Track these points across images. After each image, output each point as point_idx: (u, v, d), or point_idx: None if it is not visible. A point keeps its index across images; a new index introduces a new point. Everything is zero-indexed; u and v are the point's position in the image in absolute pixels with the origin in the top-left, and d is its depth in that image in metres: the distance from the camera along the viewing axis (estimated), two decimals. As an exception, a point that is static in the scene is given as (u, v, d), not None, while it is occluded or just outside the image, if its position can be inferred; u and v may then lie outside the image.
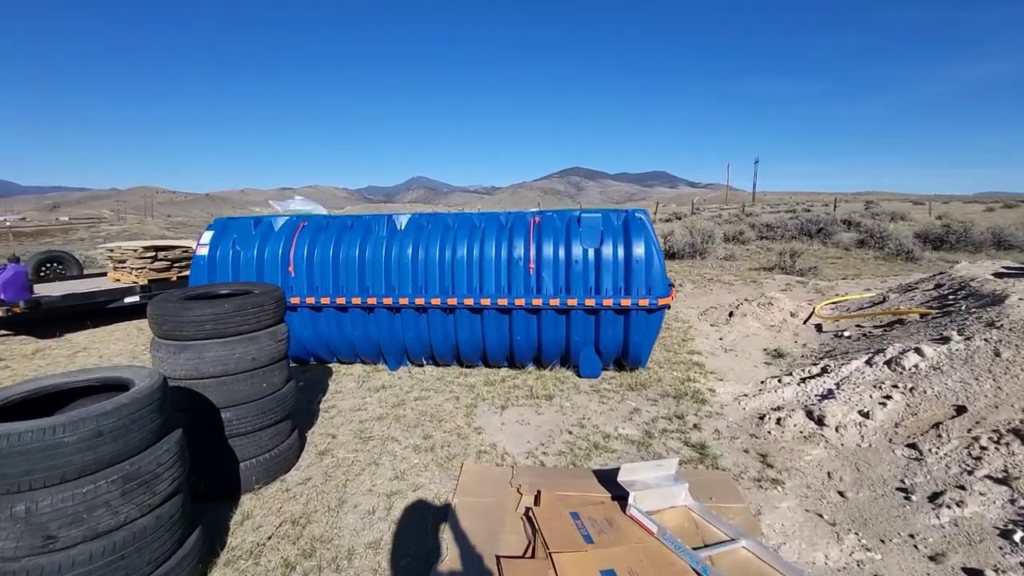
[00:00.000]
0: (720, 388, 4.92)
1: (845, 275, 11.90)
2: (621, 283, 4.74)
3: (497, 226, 5.05)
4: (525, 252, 4.84)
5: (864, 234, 18.02)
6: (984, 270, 6.36)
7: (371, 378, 5.19)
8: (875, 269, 13.28)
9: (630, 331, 4.81)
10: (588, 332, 4.89)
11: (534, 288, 4.81)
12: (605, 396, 4.71)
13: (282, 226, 5.40)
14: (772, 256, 15.52)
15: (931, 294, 6.03)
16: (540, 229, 4.95)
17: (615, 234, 4.83)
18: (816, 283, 10.73)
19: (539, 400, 4.61)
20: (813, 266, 12.26)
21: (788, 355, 5.90)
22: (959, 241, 16.41)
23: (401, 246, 5.01)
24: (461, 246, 4.93)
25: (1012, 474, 2.75)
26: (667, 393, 4.76)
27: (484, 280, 4.85)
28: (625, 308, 4.68)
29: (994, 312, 4.04)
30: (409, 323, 5.03)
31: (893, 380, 3.82)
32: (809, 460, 3.49)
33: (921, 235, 16.82)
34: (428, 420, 4.23)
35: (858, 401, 3.77)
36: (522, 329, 4.91)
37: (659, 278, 4.77)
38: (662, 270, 4.81)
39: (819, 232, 19.70)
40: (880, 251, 15.92)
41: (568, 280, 4.78)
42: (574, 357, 5.05)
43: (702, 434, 3.98)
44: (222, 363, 3.01)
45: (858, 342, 5.36)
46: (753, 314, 7.55)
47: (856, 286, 10.33)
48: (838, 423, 3.66)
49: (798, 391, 4.31)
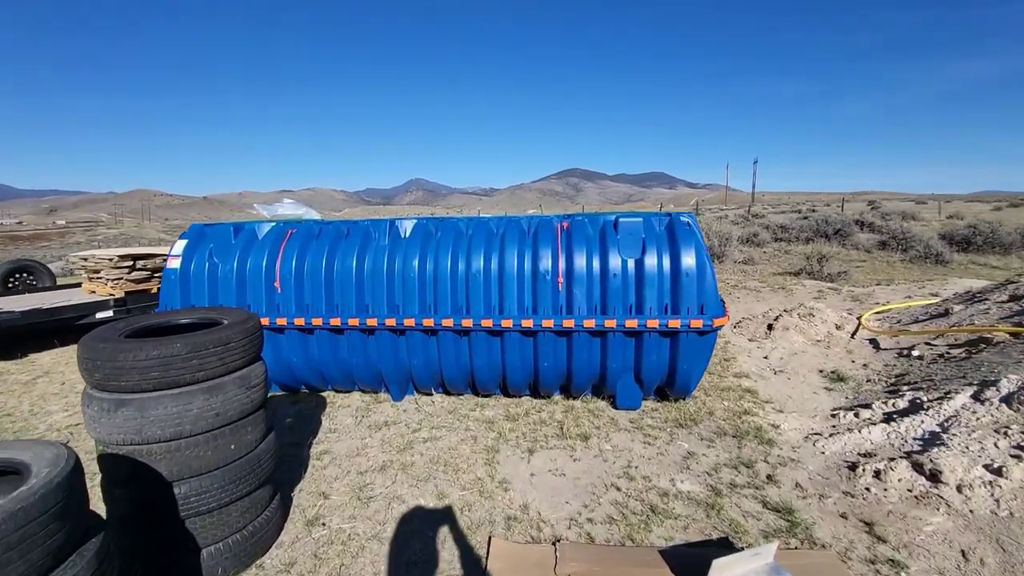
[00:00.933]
0: (783, 423, 4.16)
1: (878, 280, 11.15)
2: (667, 300, 3.99)
3: (519, 233, 4.29)
4: (553, 264, 4.09)
5: (885, 235, 17.28)
6: (1067, 279, 5.60)
7: (372, 411, 4.43)
8: (905, 273, 12.53)
9: (678, 357, 4.05)
10: (628, 358, 4.14)
11: (564, 307, 4.05)
12: (650, 435, 3.96)
13: (267, 234, 4.65)
14: (794, 259, 14.78)
15: (1010, 307, 5.28)
16: (570, 236, 4.19)
17: (659, 242, 4.08)
18: (850, 290, 9.98)
19: (573, 441, 3.85)
20: (843, 271, 11.51)
21: (850, 379, 5.15)
22: (986, 243, 15.66)
23: (406, 257, 4.26)
24: (477, 257, 4.18)
25: None
26: (723, 431, 4.00)
27: (505, 297, 4.09)
28: (673, 330, 3.93)
29: None
30: (416, 348, 4.27)
31: (1022, 424, 3.06)
32: (931, 531, 2.74)
33: (946, 236, 16.08)
34: (441, 470, 3.47)
35: (980, 452, 3.02)
36: (549, 354, 4.15)
37: (712, 294, 4.02)
38: (715, 285, 4.06)
39: (836, 233, 18.95)
40: (905, 254, 15.18)
41: (604, 297, 4.02)
42: (610, 386, 4.30)
43: (781, 490, 3.22)
44: (174, 422, 2.25)
45: (939, 367, 4.60)
46: (796, 327, 6.79)
47: (894, 293, 9.58)
48: (959, 481, 2.90)
49: (889, 432, 3.56)
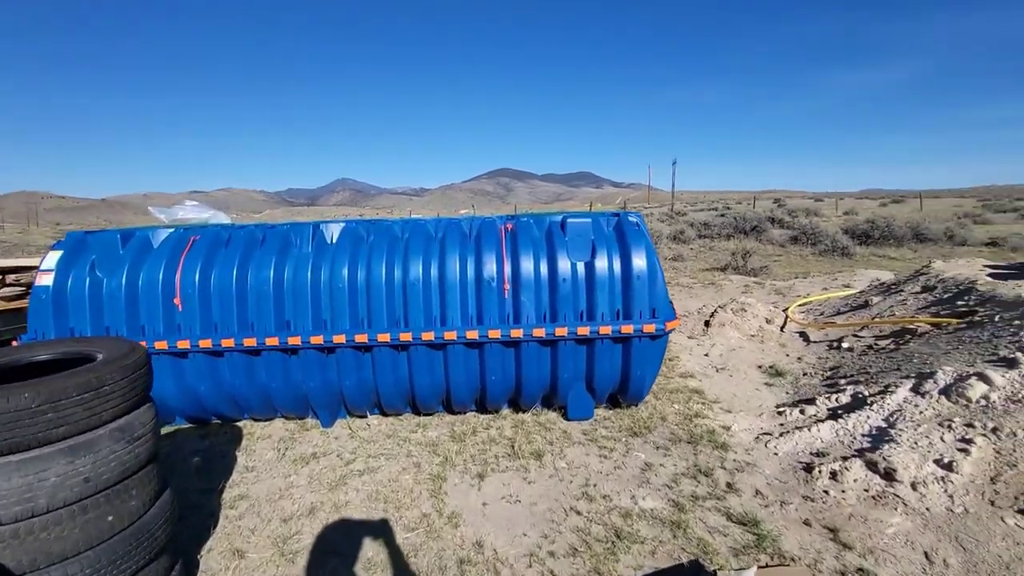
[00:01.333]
0: (734, 424, 4.11)
1: (796, 274, 11.83)
2: (619, 305, 3.80)
3: (460, 236, 3.94)
4: (498, 269, 3.78)
5: (796, 231, 18.53)
6: (969, 269, 6.07)
7: (297, 441, 3.90)
8: (818, 266, 13.42)
9: (631, 363, 3.88)
10: (579, 366, 3.92)
11: (511, 315, 3.76)
12: (605, 447, 3.75)
13: (164, 242, 3.98)
14: (719, 255, 15.44)
15: (924, 298, 5.63)
16: (515, 239, 3.90)
17: (609, 243, 3.88)
18: (772, 283, 10.48)
19: (526, 460, 3.56)
20: (764, 265, 12.11)
21: (788, 373, 5.25)
22: (882, 236, 17.18)
23: (334, 265, 3.78)
24: (415, 263, 3.78)
25: None
26: (677, 437, 3.87)
27: (447, 307, 3.73)
28: (626, 336, 3.75)
29: None
30: (348, 367, 3.80)
31: (964, 417, 3.14)
32: (892, 533, 2.71)
33: (849, 231, 17.48)
34: (382, 508, 3.06)
35: (928, 447, 3.05)
36: (497, 367, 3.84)
37: (663, 297, 3.88)
38: (665, 287, 3.93)
39: (753, 230, 20.11)
40: (814, 248, 16.31)
41: (554, 303, 3.77)
42: (561, 397, 4.06)
43: (742, 499, 3.12)
44: (22, 497, 1.71)
45: (871, 358, 4.77)
46: (731, 323, 6.93)
47: (811, 285, 10.16)
48: (913, 478, 2.91)
49: (838, 429, 3.57)
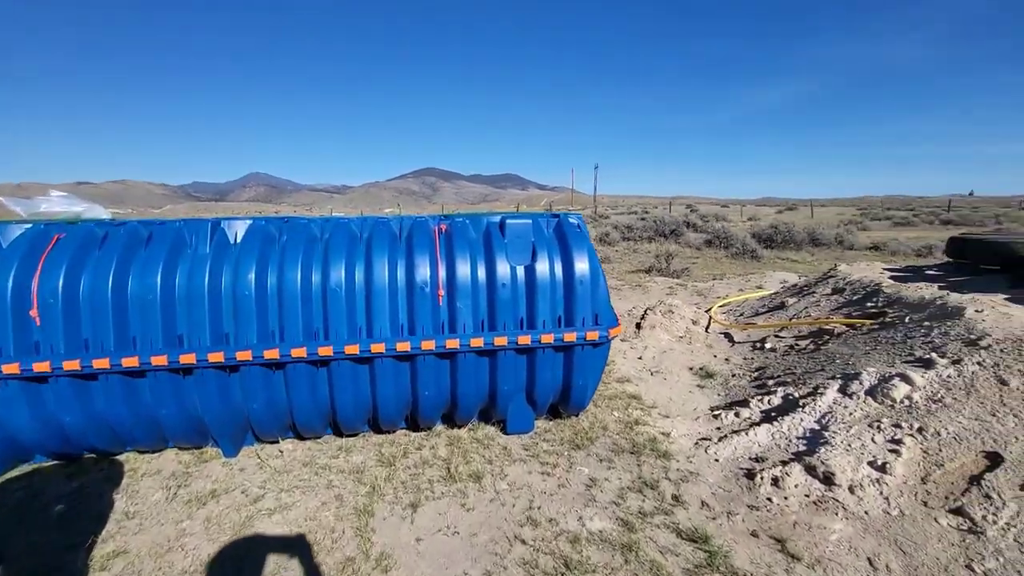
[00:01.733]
0: (673, 430, 4.06)
1: (714, 275, 12.41)
2: (561, 311, 3.60)
3: (389, 237, 3.55)
4: (432, 274, 3.44)
5: (710, 235, 19.60)
6: (872, 271, 6.54)
7: (193, 477, 3.33)
8: (731, 268, 14.20)
9: (573, 372, 3.69)
10: (520, 377, 3.67)
11: (446, 324, 3.43)
12: (547, 463, 3.53)
13: (17, 240, 3.24)
14: (643, 257, 15.92)
15: (836, 299, 5.97)
16: (450, 240, 3.58)
17: (549, 246, 3.67)
18: (694, 285, 10.89)
19: (463, 484, 3.25)
20: (685, 267, 12.60)
21: (718, 375, 5.34)
22: (784, 240, 18.60)
23: (238, 269, 3.25)
24: (337, 267, 3.34)
25: (1111, 554, 2.19)
26: (620, 447, 3.74)
27: (374, 316, 3.33)
28: (568, 344, 3.55)
29: (961, 327, 3.76)
30: (256, 387, 3.29)
31: (892, 418, 3.24)
32: (836, 540, 2.70)
33: (756, 235, 18.75)
34: (297, 556, 2.62)
35: (861, 448, 3.11)
36: (431, 381, 3.50)
37: (605, 302, 3.74)
38: (607, 291, 3.78)
39: (671, 233, 21.05)
40: (727, 250, 17.31)
41: (492, 311, 3.49)
42: (500, 410, 3.79)
43: (689, 512, 3.01)
44: None
45: (793, 359, 4.94)
46: (661, 325, 7.02)
47: (728, 287, 10.67)
48: (850, 481, 2.94)
49: (773, 432, 3.59)
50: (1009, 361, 3.21)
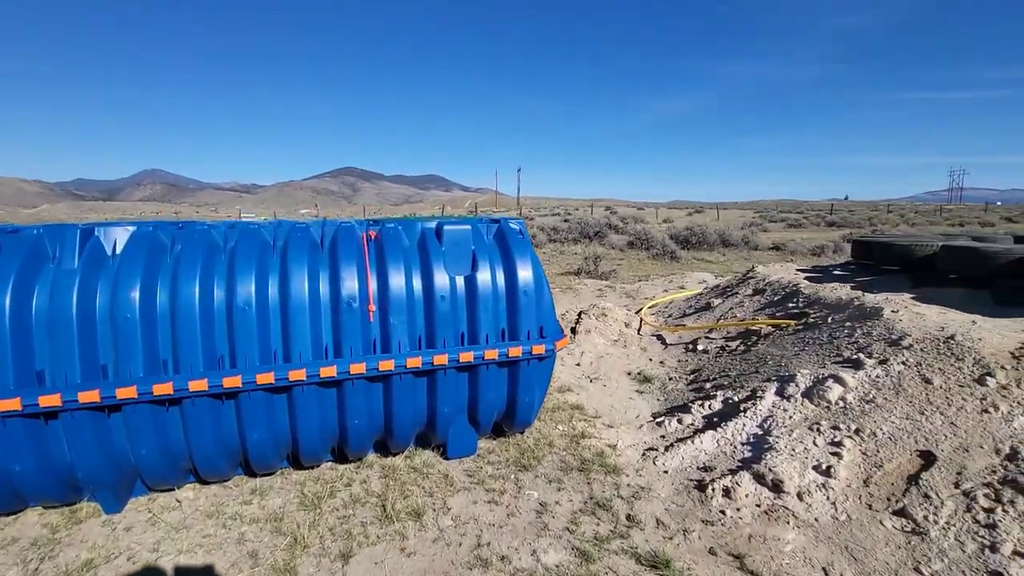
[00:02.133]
0: (619, 441, 3.94)
1: (639, 276, 12.75)
2: (504, 324, 3.35)
3: (309, 245, 3.11)
4: (361, 287, 3.05)
5: (631, 236, 20.30)
6: (787, 272, 6.89)
7: (63, 543, 2.70)
8: (653, 268, 14.71)
9: (519, 388, 3.45)
10: (462, 397, 3.37)
11: (379, 343, 3.06)
12: (493, 489, 3.26)
13: None
14: (570, 259, 16.09)
15: (758, 300, 6.21)
16: (381, 249, 3.20)
17: (491, 254, 3.40)
18: (622, 286, 11.10)
19: (403, 523, 2.90)
20: (612, 269, 12.85)
21: (655, 379, 5.34)
22: (699, 242, 19.65)
23: (118, 287, 2.68)
24: (245, 280, 2.86)
25: (1043, 548, 2.28)
26: (568, 465, 3.55)
27: (293, 338, 2.88)
28: (514, 359, 3.31)
29: (881, 327, 3.96)
30: (144, 429, 2.73)
31: (830, 420, 3.31)
32: (791, 551, 2.67)
33: (674, 237, 19.66)
34: (200, 637, 2.15)
35: (804, 453, 3.14)
36: (362, 408, 3.10)
37: (550, 312, 3.53)
38: (552, 301, 3.59)
39: (596, 235, 21.57)
40: (648, 251, 17.97)
41: (431, 326, 3.16)
42: (440, 434, 3.46)
43: (646, 533, 2.87)
44: None
45: (726, 360, 5.03)
46: (595, 329, 6.99)
47: (654, 288, 10.98)
48: (798, 488, 2.94)
49: (718, 439, 3.57)
50: (930, 360, 3.40)
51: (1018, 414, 2.84)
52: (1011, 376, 3.06)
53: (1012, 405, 2.90)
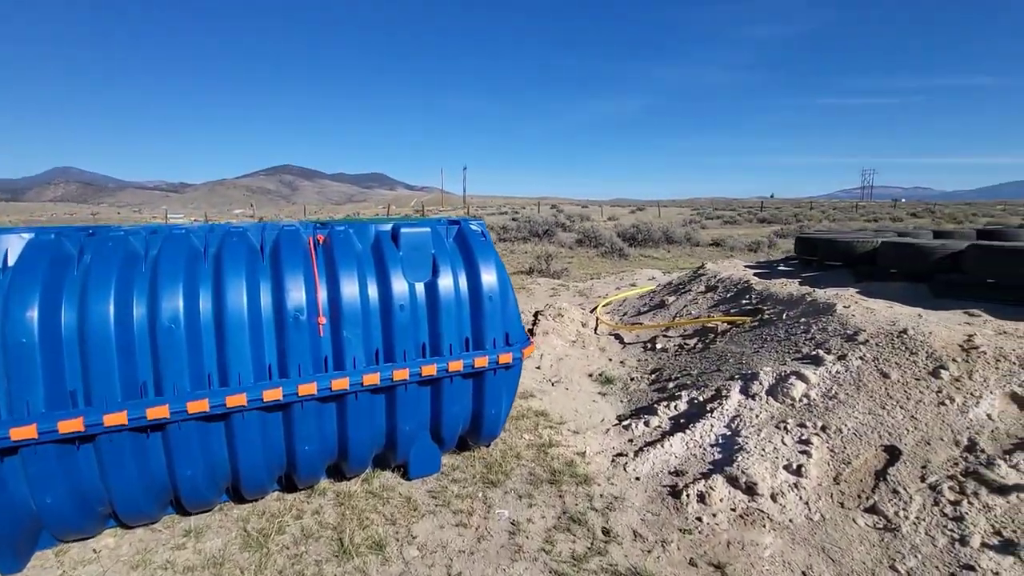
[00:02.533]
0: (587, 447, 3.83)
1: (590, 274, 12.82)
2: (468, 332, 3.13)
3: (246, 252, 2.76)
4: (310, 297, 2.74)
5: (580, 235, 20.50)
6: (736, 269, 7.06)
7: (-56, 615, 2.24)
8: (603, 266, 14.87)
9: (485, 399, 3.25)
10: (424, 413, 3.12)
11: (330, 359, 2.76)
12: (461, 510, 3.04)
13: None
14: (521, 258, 15.99)
15: (711, 297, 6.31)
16: (331, 254, 2.90)
17: (452, 257, 3.17)
18: (574, 285, 11.10)
19: (363, 558, 2.63)
20: (564, 268, 12.85)
21: (617, 380, 5.28)
22: (645, 239, 20.12)
23: (8, 305, 2.25)
24: (171, 294, 2.49)
25: (1010, 537, 2.33)
26: (538, 478, 3.39)
27: (230, 358, 2.54)
28: (479, 370, 3.10)
29: (836, 323, 4.05)
30: (48, 472, 2.31)
31: (796, 417, 3.32)
32: (769, 556, 2.62)
33: (621, 234, 20.01)
34: None
35: (774, 452, 3.12)
36: (313, 433, 2.80)
37: (515, 318, 3.36)
38: (517, 306, 3.41)
39: (545, 233, 21.64)
40: (597, 249, 18.19)
41: (389, 338, 2.90)
42: (401, 454, 3.20)
43: (624, 548, 2.75)
44: None
45: (685, 358, 5.04)
46: (553, 330, 6.89)
47: (606, 286, 11.06)
48: (772, 489, 2.91)
49: (687, 442, 3.52)
50: (886, 354, 3.49)
51: (972, 406, 2.95)
52: (962, 368, 3.18)
53: (966, 397, 3.01)
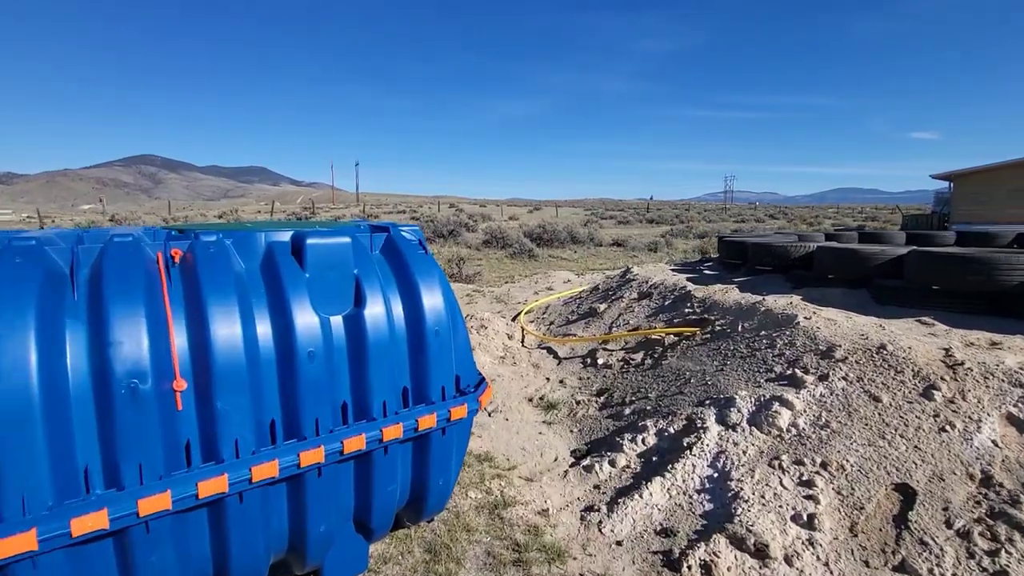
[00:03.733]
0: (547, 502, 3.15)
1: (504, 278, 12.22)
2: (408, 380, 2.28)
3: (41, 279, 1.67)
4: (156, 348, 1.72)
5: (487, 235, 19.92)
6: (662, 272, 6.81)
7: None
8: (514, 268, 14.38)
9: (430, 469, 2.41)
10: (345, 502, 2.21)
11: (196, 446, 1.77)
12: (403, 626, 2.19)
13: None
14: (427, 261, 14.96)
15: (647, 305, 5.96)
16: (195, 278, 1.89)
17: (382, 277, 2.29)
18: (490, 290, 10.43)
19: None
20: (477, 272, 12.11)
21: (560, 404, 4.67)
22: (551, 239, 20.06)
23: None
24: None
25: (1066, 599, 2.03)
26: (498, 559, 2.63)
27: (3, 470, 1.47)
28: (424, 432, 2.26)
29: (802, 336, 3.75)
30: None
31: (789, 453, 2.90)
32: (805, 646, 2.12)
33: (529, 235, 19.75)
34: None
35: (776, 499, 2.67)
36: (168, 559, 1.78)
37: (467, 354, 2.56)
38: (468, 337, 2.62)
39: (450, 234, 20.77)
40: (505, 250, 17.72)
41: (293, 402, 1.96)
42: (312, 558, 2.25)
43: (631, 658, 2.09)
44: None
45: (636, 377, 4.56)
46: (479, 345, 6.14)
47: (522, 290, 10.52)
48: (785, 550, 2.44)
49: (668, 487, 2.97)
50: (870, 374, 3.23)
51: (973, 432, 2.73)
52: (953, 388, 2.99)
53: (965, 421, 2.79)
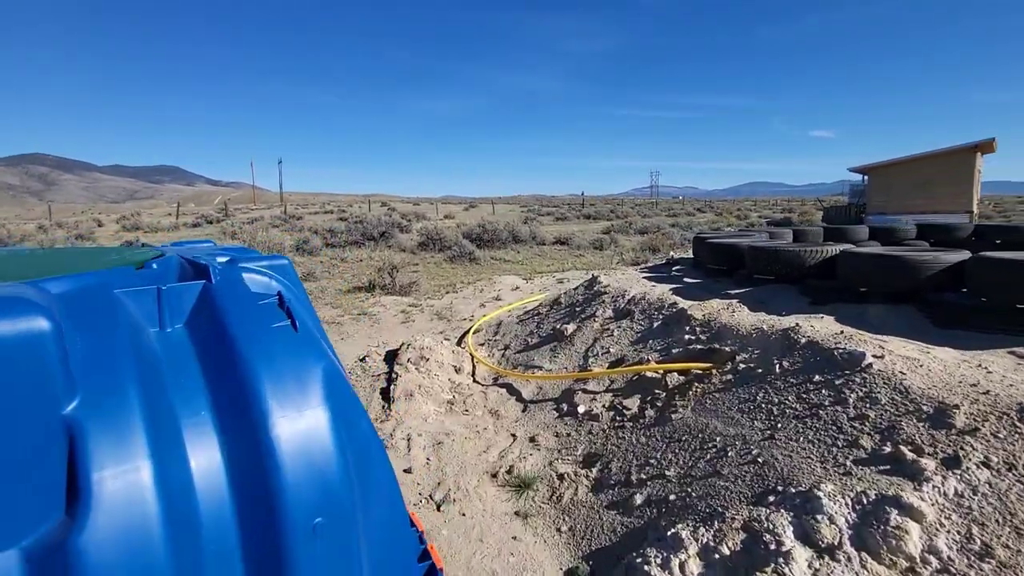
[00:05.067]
0: None
1: (444, 287, 10.78)
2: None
3: None
4: None
5: (423, 236, 18.34)
6: (632, 280, 5.72)
7: None
8: (453, 274, 12.97)
9: None
10: None
11: None
12: None
13: None
14: (357, 269, 13.20)
15: (630, 327, 4.81)
16: None
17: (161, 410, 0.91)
18: (429, 304, 8.99)
19: None
20: (413, 281, 10.59)
21: (536, 481, 3.41)
22: (491, 240, 18.80)
23: None
24: None
25: None
26: None
27: None
28: None
29: (885, 387, 2.66)
30: None
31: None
32: None
33: (468, 235, 18.35)
34: None
35: None
36: None
37: (403, 518, 1.23)
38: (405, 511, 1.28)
39: (382, 236, 19.00)
40: (443, 253, 16.25)
41: None
42: None
43: None
44: None
45: (638, 438, 3.38)
46: (420, 388, 4.76)
47: (466, 302, 9.19)
48: None
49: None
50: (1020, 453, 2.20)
51: None
52: None
53: None
